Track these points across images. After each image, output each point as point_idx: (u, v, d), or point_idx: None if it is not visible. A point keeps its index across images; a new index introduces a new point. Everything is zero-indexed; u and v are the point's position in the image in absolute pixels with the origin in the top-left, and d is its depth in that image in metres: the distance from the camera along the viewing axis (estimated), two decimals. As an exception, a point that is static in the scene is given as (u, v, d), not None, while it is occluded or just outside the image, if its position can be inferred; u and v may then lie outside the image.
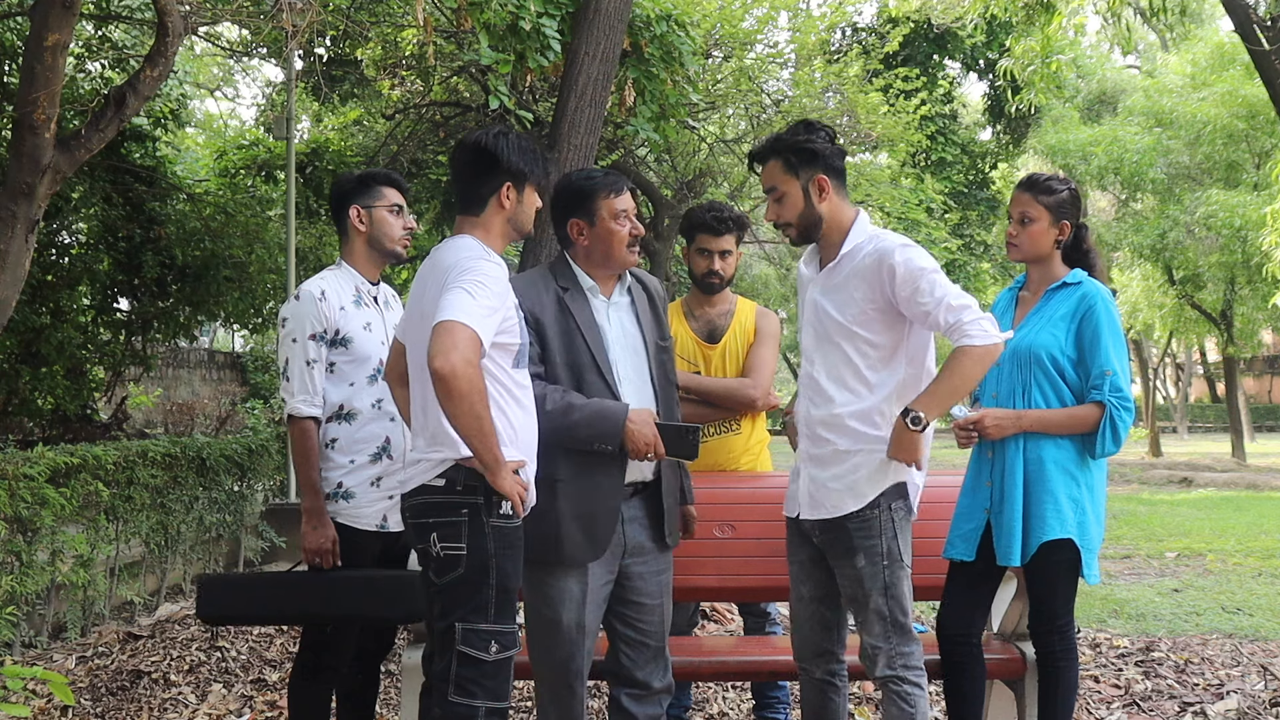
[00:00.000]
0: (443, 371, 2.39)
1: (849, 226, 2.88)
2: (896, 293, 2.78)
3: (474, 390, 2.42)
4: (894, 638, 2.80)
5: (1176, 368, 36.31)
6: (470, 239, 2.68)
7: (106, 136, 4.71)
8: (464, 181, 2.74)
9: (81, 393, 8.25)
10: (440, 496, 2.60)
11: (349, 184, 3.28)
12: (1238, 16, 7.79)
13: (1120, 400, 2.96)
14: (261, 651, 4.77)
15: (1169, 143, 17.49)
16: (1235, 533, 9.67)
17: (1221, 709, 4.11)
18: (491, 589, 2.58)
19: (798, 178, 2.86)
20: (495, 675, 2.59)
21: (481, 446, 2.49)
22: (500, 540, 2.60)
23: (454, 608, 2.59)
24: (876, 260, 2.80)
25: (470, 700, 2.57)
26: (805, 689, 3.06)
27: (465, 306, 2.46)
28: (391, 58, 8.28)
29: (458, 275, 2.53)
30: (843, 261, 2.87)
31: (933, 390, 2.76)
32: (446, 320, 2.43)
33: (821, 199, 2.86)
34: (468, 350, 2.41)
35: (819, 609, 2.98)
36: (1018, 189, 3.19)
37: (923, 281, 2.76)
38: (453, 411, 2.44)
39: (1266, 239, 10.72)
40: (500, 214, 2.72)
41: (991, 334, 2.72)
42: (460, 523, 2.58)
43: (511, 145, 2.70)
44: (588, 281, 2.94)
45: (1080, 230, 3.17)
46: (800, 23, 10.39)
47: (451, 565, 2.58)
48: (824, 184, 2.85)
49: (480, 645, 2.57)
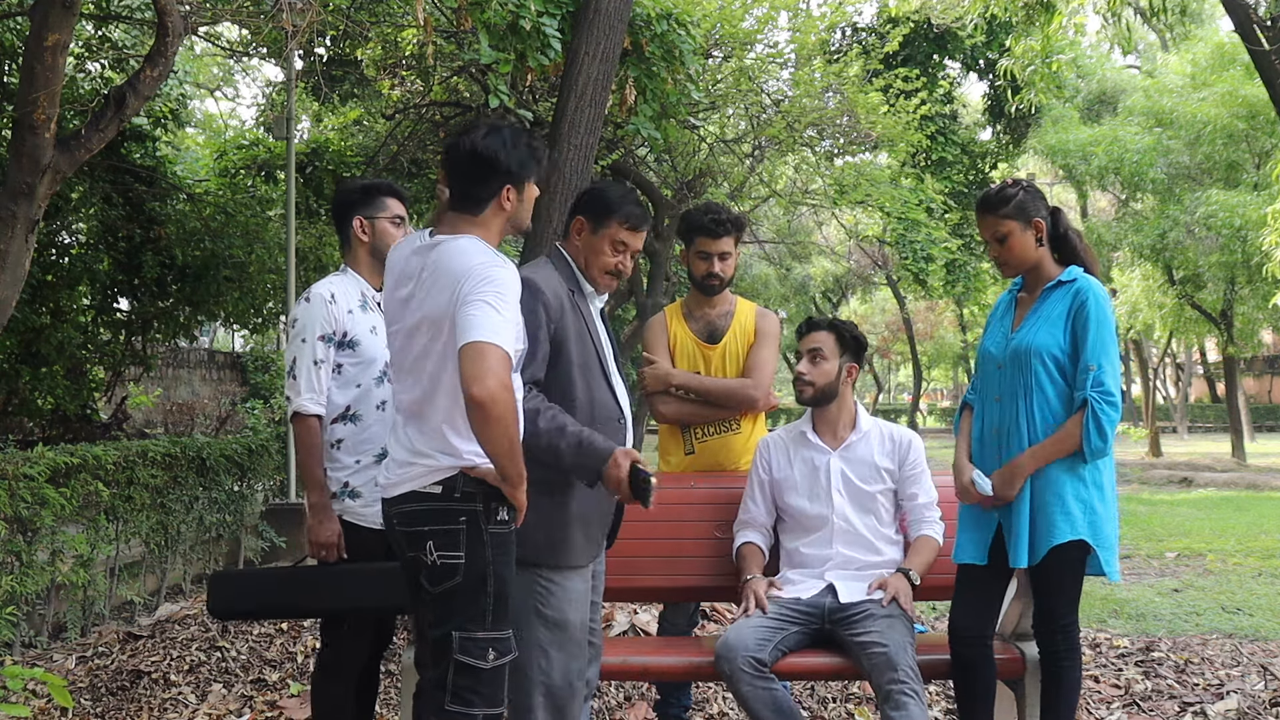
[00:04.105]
0: (481, 399, 2.35)
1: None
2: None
3: (509, 413, 2.40)
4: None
5: (1176, 368, 36.30)
6: (476, 241, 2.60)
7: (106, 136, 4.71)
8: (462, 184, 2.68)
9: (81, 393, 8.25)
10: (437, 504, 2.55)
11: (352, 194, 3.31)
12: (1238, 16, 7.79)
13: (1103, 395, 2.93)
14: (261, 651, 4.77)
15: (1169, 143, 17.48)
16: (1235, 533, 9.67)
17: (1221, 709, 4.11)
18: (489, 597, 2.55)
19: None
20: (492, 683, 2.57)
21: (510, 464, 2.46)
22: (497, 547, 2.57)
23: (451, 616, 2.56)
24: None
25: (468, 709, 2.54)
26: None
27: (493, 324, 2.41)
28: (391, 58, 8.28)
29: (477, 286, 2.46)
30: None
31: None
32: (478, 342, 2.38)
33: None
34: (502, 372, 2.38)
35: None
36: (978, 214, 3.18)
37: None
38: (488, 435, 2.40)
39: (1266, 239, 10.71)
40: (501, 215, 2.68)
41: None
42: (458, 530, 2.54)
43: (507, 146, 2.65)
44: (589, 286, 2.97)
45: (1056, 216, 3.16)
46: (800, 23, 10.37)
47: (449, 573, 2.54)
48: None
49: (478, 654, 2.54)
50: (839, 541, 3.36)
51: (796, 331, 3.59)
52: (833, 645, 3.23)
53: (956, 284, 14.87)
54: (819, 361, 3.43)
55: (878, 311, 39.58)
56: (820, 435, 3.49)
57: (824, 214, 15.70)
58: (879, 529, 3.39)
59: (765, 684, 3.03)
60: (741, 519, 3.53)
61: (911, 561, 3.34)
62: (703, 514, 3.62)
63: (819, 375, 3.43)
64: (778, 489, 3.48)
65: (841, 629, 3.19)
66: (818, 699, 4.28)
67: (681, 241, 3.90)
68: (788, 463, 3.48)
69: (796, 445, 3.50)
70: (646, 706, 4.13)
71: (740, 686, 3.03)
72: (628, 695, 4.27)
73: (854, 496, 3.40)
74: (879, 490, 3.42)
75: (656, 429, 3.96)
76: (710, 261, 3.71)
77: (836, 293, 33.03)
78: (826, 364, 3.43)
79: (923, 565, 3.34)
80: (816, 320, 3.53)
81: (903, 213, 11.58)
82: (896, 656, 2.99)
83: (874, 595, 3.23)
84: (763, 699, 3.01)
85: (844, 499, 3.39)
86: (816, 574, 3.34)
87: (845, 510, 3.38)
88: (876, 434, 3.48)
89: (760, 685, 3.02)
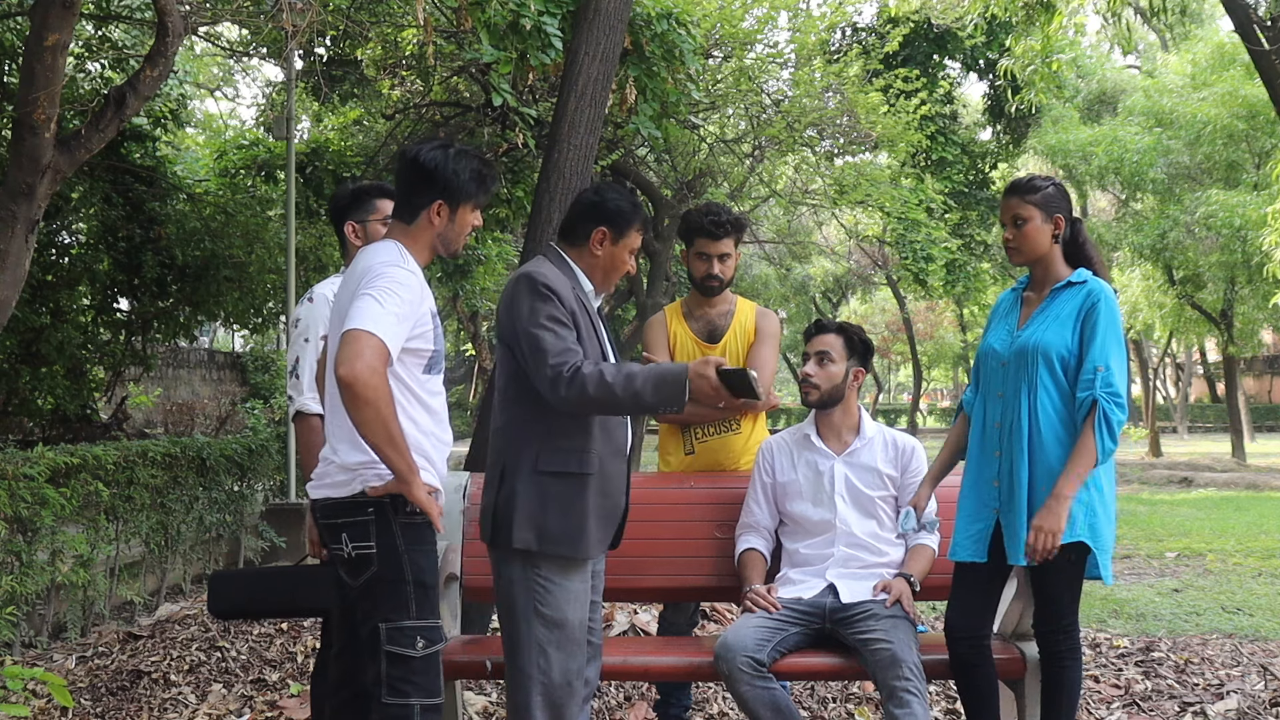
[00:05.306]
0: (347, 379, 2.39)
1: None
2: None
3: (380, 398, 2.43)
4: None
5: (1176, 368, 36.30)
6: (392, 245, 2.66)
7: (106, 136, 4.71)
8: (400, 189, 2.73)
9: (81, 393, 8.26)
10: (347, 497, 2.61)
11: (343, 199, 3.34)
12: (1238, 16, 7.79)
13: (1112, 396, 2.93)
14: (261, 651, 4.77)
15: (1169, 143, 17.48)
16: (1235, 533, 9.67)
17: (1221, 709, 4.11)
18: (409, 585, 2.59)
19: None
20: (425, 671, 2.60)
21: (392, 454, 2.49)
22: (410, 536, 2.61)
23: (375, 608, 2.60)
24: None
25: (404, 700, 2.57)
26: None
27: (373, 314, 2.46)
28: (391, 58, 8.28)
29: (369, 281, 2.53)
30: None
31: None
32: (353, 329, 2.44)
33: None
34: (373, 358, 2.42)
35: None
36: (1004, 196, 3.20)
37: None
38: (359, 419, 2.44)
39: (1266, 239, 10.72)
40: (429, 230, 2.70)
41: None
42: (367, 521, 2.59)
43: (450, 163, 2.66)
44: (587, 285, 2.97)
45: (1076, 225, 3.17)
46: (800, 23, 10.38)
47: (364, 564, 2.59)
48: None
49: (406, 642, 2.58)
50: (841, 544, 3.36)
51: (804, 333, 3.57)
52: (833, 645, 3.23)
53: (956, 284, 14.87)
54: (826, 364, 3.42)
55: (878, 311, 39.58)
56: (824, 439, 3.48)
57: (824, 214, 15.69)
58: (880, 533, 3.39)
59: (764, 684, 3.03)
60: (744, 522, 3.53)
61: (910, 568, 3.35)
62: (703, 514, 3.62)
63: (825, 378, 3.42)
64: (780, 493, 3.48)
65: (843, 629, 3.19)
66: (818, 699, 4.28)
67: (681, 242, 3.90)
68: (791, 466, 3.48)
69: (800, 449, 3.50)
70: (646, 706, 4.13)
71: (739, 687, 3.03)
72: (628, 695, 4.27)
73: (857, 501, 3.40)
74: (881, 495, 3.42)
75: (656, 429, 3.96)
76: (710, 263, 3.70)
77: (836, 293, 33.02)
78: (834, 367, 3.43)
79: (921, 572, 3.35)
80: (825, 323, 3.52)
81: (903, 213, 11.58)
82: (901, 655, 2.99)
83: (877, 596, 3.23)
84: (761, 699, 3.01)
85: (847, 504, 3.39)
86: (818, 573, 3.34)
87: (848, 515, 3.38)
88: (880, 440, 3.47)
89: (759, 685, 3.02)
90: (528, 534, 2.76)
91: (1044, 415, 3.02)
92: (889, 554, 3.38)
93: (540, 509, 2.77)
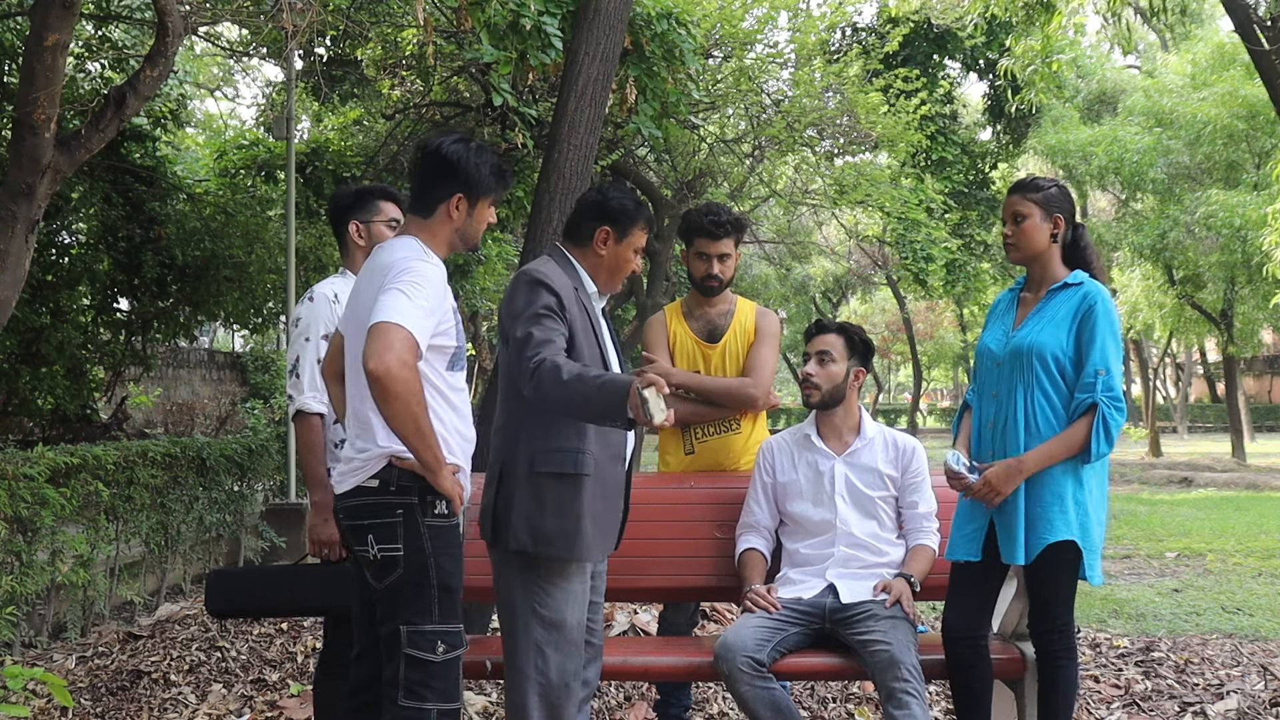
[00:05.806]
0: (378, 373, 2.39)
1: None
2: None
3: (410, 391, 2.43)
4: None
5: (1176, 368, 36.30)
6: (413, 240, 2.67)
7: (106, 136, 4.71)
8: (419, 182, 2.73)
9: (81, 393, 8.25)
10: (374, 497, 2.60)
11: (346, 199, 3.34)
12: (1238, 16, 7.79)
13: (1112, 400, 2.96)
14: (261, 651, 4.77)
15: (1169, 143, 17.48)
16: (1235, 533, 9.67)
17: (1221, 709, 4.11)
18: (433, 589, 2.59)
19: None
20: (445, 676, 2.59)
21: (420, 447, 2.49)
22: (437, 539, 2.60)
23: (397, 611, 2.59)
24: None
25: (421, 704, 2.56)
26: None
27: (401, 308, 2.46)
28: (391, 58, 8.28)
29: (395, 276, 2.53)
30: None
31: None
32: (382, 322, 2.44)
33: None
34: (403, 352, 2.42)
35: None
36: (1007, 194, 3.22)
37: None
38: (389, 413, 2.45)
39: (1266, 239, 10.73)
40: (448, 223, 2.71)
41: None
42: (395, 523, 2.58)
43: (471, 157, 2.68)
44: (590, 285, 2.97)
45: (1077, 229, 3.18)
46: (800, 23, 10.38)
47: (390, 567, 2.58)
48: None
49: (427, 647, 2.57)
50: (841, 544, 3.36)
51: (805, 333, 3.57)
52: (833, 645, 3.23)
53: (956, 284, 14.88)
54: (827, 364, 3.42)
55: (878, 311, 39.57)
56: (825, 439, 3.48)
57: (824, 214, 15.69)
58: (880, 533, 3.39)
59: (764, 684, 3.03)
60: (744, 522, 3.53)
61: (910, 569, 3.34)
62: (703, 514, 3.62)
63: (826, 378, 3.42)
64: (781, 493, 3.48)
65: (843, 629, 3.19)
66: (818, 699, 4.28)
67: (681, 242, 3.90)
68: (791, 466, 3.48)
69: (800, 449, 3.50)
70: (646, 706, 4.13)
71: (739, 687, 3.03)
72: (628, 695, 4.27)
73: (857, 501, 3.40)
74: (881, 496, 3.42)
75: (656, 429, 3.96)
76: (710, 263, 3.70)
77: (836, 293, 33.02)
78: (835, 367, 3.43)
79: (921, 573, 3.35)
80: (826, 323, 3.52)
81: (903, 213, 11.59)
82: (900, 656, 3.00)
83: (878, 597, 3.23)
84: (761, 699, 3.01)
85: (848, 504, 3.39)
86: (818, 573, 3.34)
87: (849, 515, 3.38)
88: (880, 440, 3.47)
89: (759, 685, 3.02)
90: (524, 535, 2.76)
91: (1041, 414, 3.02)
92: (889, 554, 3.38)
93: (537, 510, 2.77)
